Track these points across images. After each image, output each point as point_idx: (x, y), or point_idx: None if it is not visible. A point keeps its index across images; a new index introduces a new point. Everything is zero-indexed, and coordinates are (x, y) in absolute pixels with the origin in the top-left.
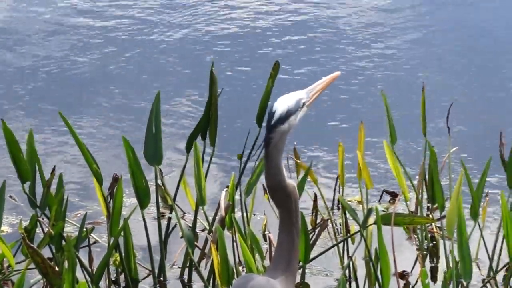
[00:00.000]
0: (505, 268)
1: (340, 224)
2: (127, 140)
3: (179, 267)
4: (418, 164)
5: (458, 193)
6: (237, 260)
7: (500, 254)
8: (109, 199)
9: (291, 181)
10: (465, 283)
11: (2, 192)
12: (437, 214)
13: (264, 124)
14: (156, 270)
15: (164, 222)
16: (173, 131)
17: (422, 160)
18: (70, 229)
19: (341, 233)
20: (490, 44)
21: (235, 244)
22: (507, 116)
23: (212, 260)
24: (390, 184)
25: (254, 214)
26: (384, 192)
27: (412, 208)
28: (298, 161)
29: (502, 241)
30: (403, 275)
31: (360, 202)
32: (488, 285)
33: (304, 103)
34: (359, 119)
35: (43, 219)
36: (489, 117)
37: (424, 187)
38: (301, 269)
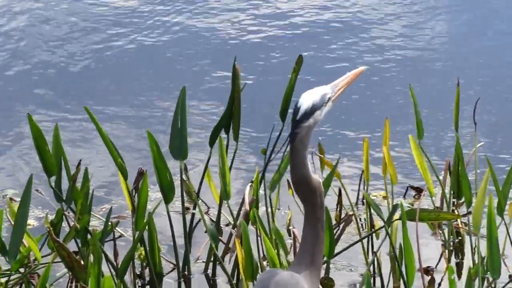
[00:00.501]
0: None
1: (364, 219)
2: (152, 135)
3: (203, 262)
4: (443, 159)
5: (484, 189)
6: (261, 255)
7: None
8: (134, 194)
9: (316, 176)
10: (491, 279)
11: (29, 186)
12: (463, 210)
13: (288, 118)
14: (181, 264)
15: (188, 217)
16: (197, 126)
17: (449, 155)
18: (96, 223)
19: (365, 228)
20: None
21: (259, 238)
22: None
23: (236, 255)
24: (416, 179)
25: (278, 209)
26: (409, 187)
27: (438, 204)
28: (323, 156)
29: None
30: (428, 271)
31: (385, 198)
32: None
33: (329, 98)
34: (383, 115)
35: (68, 213)
36: None
37: (448, 183)
38: (326, 264)
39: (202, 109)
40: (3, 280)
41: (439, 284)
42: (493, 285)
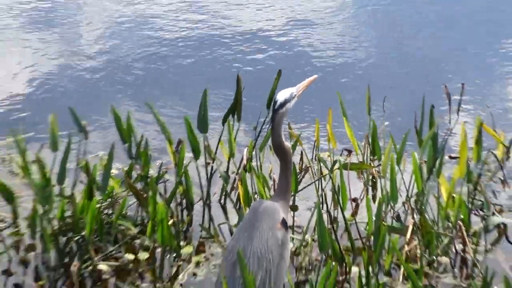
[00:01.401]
0: (415, 196)
1: (316, 169)
2: (187, 118)
3: (218, 195)
4: (365, 132)
5: (389, 150)
6: (254, 191)
7: (412, 187)
8: (176, 154)
9: (288, 143)
10: (392, 204)
11: (112, 149)
12: (376, 163)
13: (270, 108)
14: (205, 197)
15: (209, 168)
16: (215, 111)
17: (367, 129)
18: (152, 172)
19: (317, 175)
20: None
21: (253, 181)
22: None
23: (238, 191)
24: (348, 145)
25: (264, 163)
26: (343, 150)
27: (361, 159)
28: (291, 131)
29: (411, 179)
30: (355, 200)
31: (329, 156)
32: (405, 204)
33: (294, 95)
34: (329, 104)
35: (136, 165)
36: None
37: (367, 146)
38: (293, 196)
39: (217, 102)
40: (98, 205)
41: (360, 207)
42: (393, 208)
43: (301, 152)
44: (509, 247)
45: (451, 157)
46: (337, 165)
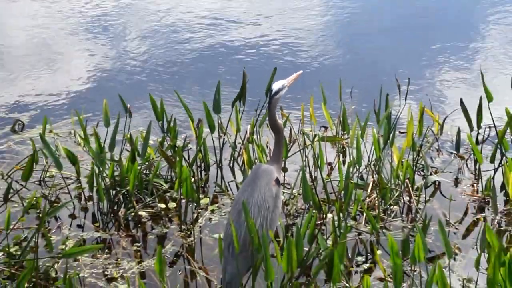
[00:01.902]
0: (374, 161)
1: (301, 140)
2: (205, 102)
3: (228, 160)
4: (338, 113)
5: (355, 125)
6: (255, 157)
7: (372, 154)
8: (197, 129)
9: (280, 122)
10: (357, 166)
11: (149, 126)
12: (346, 136)
13: (268, 95)
14: (218, 161)
15: (221, 140)
16: (226, 96)
17: (339, 111)
18: (179, 143)
19: (301, 145)
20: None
21: (254, 149)
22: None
23: (243, 157)
24: (325, 123)
25: (262, 137)
26: (321, 126)
27: (334, 133)
28: (283, 112)
29: (371, 148)
30: (330, 164)
31: (311, 131)
32: (367, 167)
33: (285, 86)
34: (311, 91)
35: (167, 138)
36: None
37: (339, 124)
38: (284, 161)
39: (227, 91)
40: (138, 167)
41: (334, 169)
42: (358, 170)
43: (290, 128)
44: (441, 198)
45: (400, 132)
46: (316, 138)
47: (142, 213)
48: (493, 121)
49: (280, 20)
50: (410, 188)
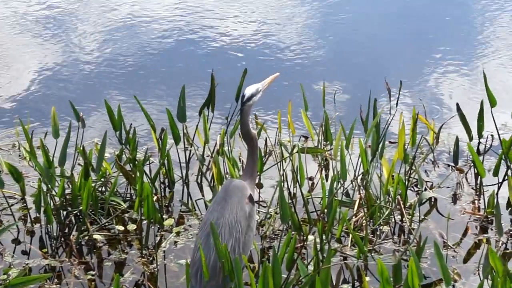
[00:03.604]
0: (361, 175)
1: (278, 152)
2: (169, 109)
3: (195, 175)
4: (319, 121)
5: (339, 137)
6: (226, 171)
7: (359, 168)
8: (159, 140)
9: (254, 131)
10: (342, 181)
11: (105, 137)
12: (328, 147)
13: (239, 101)
14: (184, 176)
15: (187, 152)
16: (192, 104)
17: (322, 118)
18: (140, 156)
19: (278, 157)
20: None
21: (224, 163)
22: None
23: (212, 172)
24: (305, 132)
25: (234, 148)
26: (301, 136)
27: (316, 144)
28: (257, 120)
29: (358, 161)
30: (311, 178)
31: (289, 141)
32: (353, 182)
33: (260, 90)
34: (289, 96)
35: (125, 150)
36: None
37: (321, 133)
38: (258, 176)
39: (194, 95)
40: (93, 184)
41: (316, 185)
42: (343, 185)
43: (265, 138)
44: (438, 216)
45: (391, 142)
46: (296, 149)
47: (97, 236)
48: (496, 128)
49: (258, 15)
50: (402, 206)
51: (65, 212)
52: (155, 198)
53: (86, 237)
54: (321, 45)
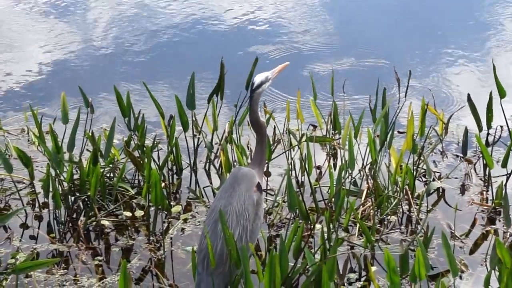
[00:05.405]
0: (369, 165)
1: (287, 141)
2: (177, 96)
3: (203, 163)
4: (328, 110)
5: (348, 126)
6: (234, 159)
7: (367, 157)
8: (168, 127)
9: (262, 119)
10: (350, 171)
11: (114, 122)
12: (337, 136)
13: (249, 89)
14: (192, 164)
15: (196, 140)
16: (201, 91)
17: (331, 107)
18: (148, 142)
19: (287, 145)
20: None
21: (233, 151)
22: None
23: (221, 159)
24: (314, 121)
25: (242, 136)
26: (310, 125)
27: (324, 133)
28: (265, 108)
29: (366, 150)
30: (319, 167)
31: (297, 130)
32: (361, 172)
33: (269, 78)
34: (298, 85)
35: (134, 136)
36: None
37: (330, 122)
38: (267, 164)
39: (203, 83)
40: (101, 170)
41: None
42: (351, 174)
43: (274, 127)
44: (446, 207)
45: (399, 132)
46: (304, 138)
47: (105, 222)
48: (505, 120)
49: (269, 1)
50: (410, 196)
51: (73, 198)
52: (163, 184)
53: (94, 223)
54: (330, 32)
